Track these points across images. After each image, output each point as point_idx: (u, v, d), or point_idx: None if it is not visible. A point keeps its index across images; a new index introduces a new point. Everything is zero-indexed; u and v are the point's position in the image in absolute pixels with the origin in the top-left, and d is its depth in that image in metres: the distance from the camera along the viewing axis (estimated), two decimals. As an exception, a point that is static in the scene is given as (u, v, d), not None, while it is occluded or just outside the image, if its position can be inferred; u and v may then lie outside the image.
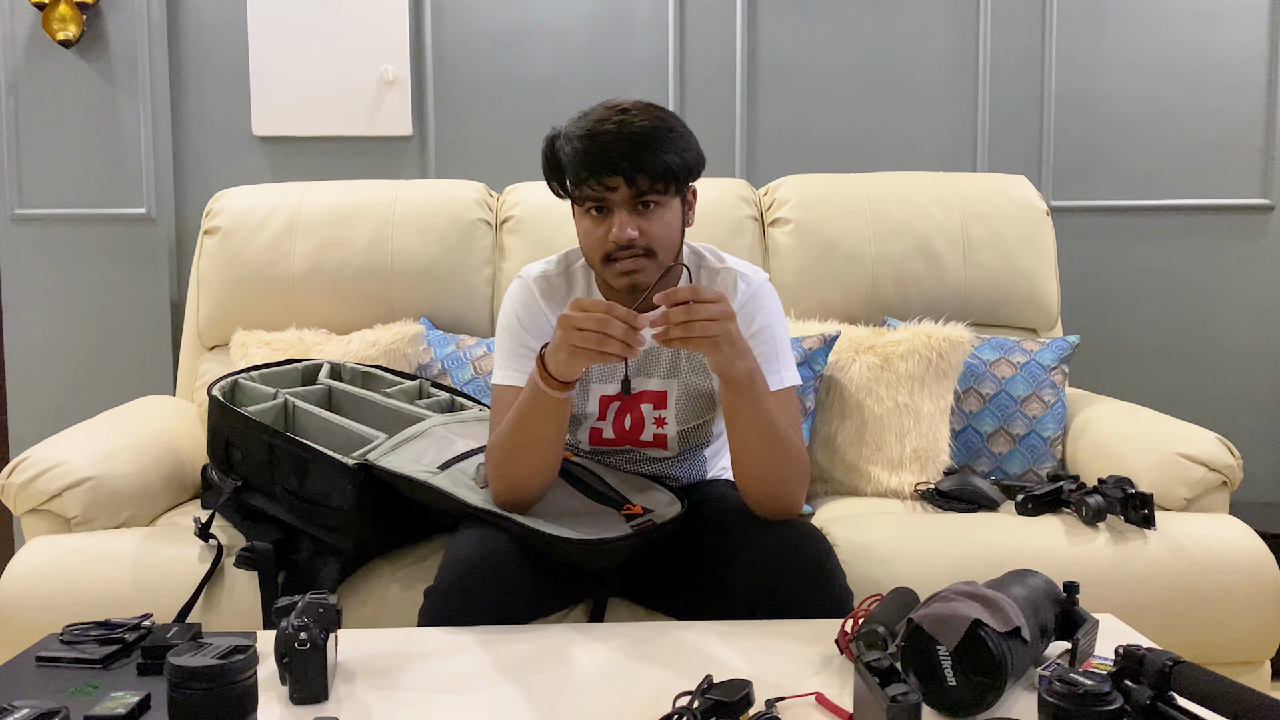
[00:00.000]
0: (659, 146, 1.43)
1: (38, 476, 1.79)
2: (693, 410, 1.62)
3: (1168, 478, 1.87)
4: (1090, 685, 0.95)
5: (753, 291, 1.58)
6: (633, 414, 1.62)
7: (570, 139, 1.47)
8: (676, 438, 1.63)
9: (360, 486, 1.59)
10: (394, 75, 2.74)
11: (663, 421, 1.62)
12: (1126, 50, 2.81)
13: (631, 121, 1.43)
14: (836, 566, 1.47)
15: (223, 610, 1.66)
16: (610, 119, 1.44)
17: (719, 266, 1.62)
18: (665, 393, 1.61)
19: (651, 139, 1.43)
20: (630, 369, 1.55)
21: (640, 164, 1.42)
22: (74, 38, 2.62)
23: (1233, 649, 1.76)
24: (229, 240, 2.38)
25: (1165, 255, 2.84)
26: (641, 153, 1.42)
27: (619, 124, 1.43)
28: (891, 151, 2.81)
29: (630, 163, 1.42)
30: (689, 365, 1.61)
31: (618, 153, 1.42)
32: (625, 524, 1.48)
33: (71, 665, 1.22)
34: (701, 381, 1.61)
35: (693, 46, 2.80)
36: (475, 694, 1.17)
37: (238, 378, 1.86)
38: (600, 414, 1.63)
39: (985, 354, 2.20)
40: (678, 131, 1.47)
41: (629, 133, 1.42)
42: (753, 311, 1.56)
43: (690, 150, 1.48)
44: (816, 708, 1.12)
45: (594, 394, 1.62)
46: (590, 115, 1.47)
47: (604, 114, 1.46)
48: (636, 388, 1.60)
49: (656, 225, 1.47)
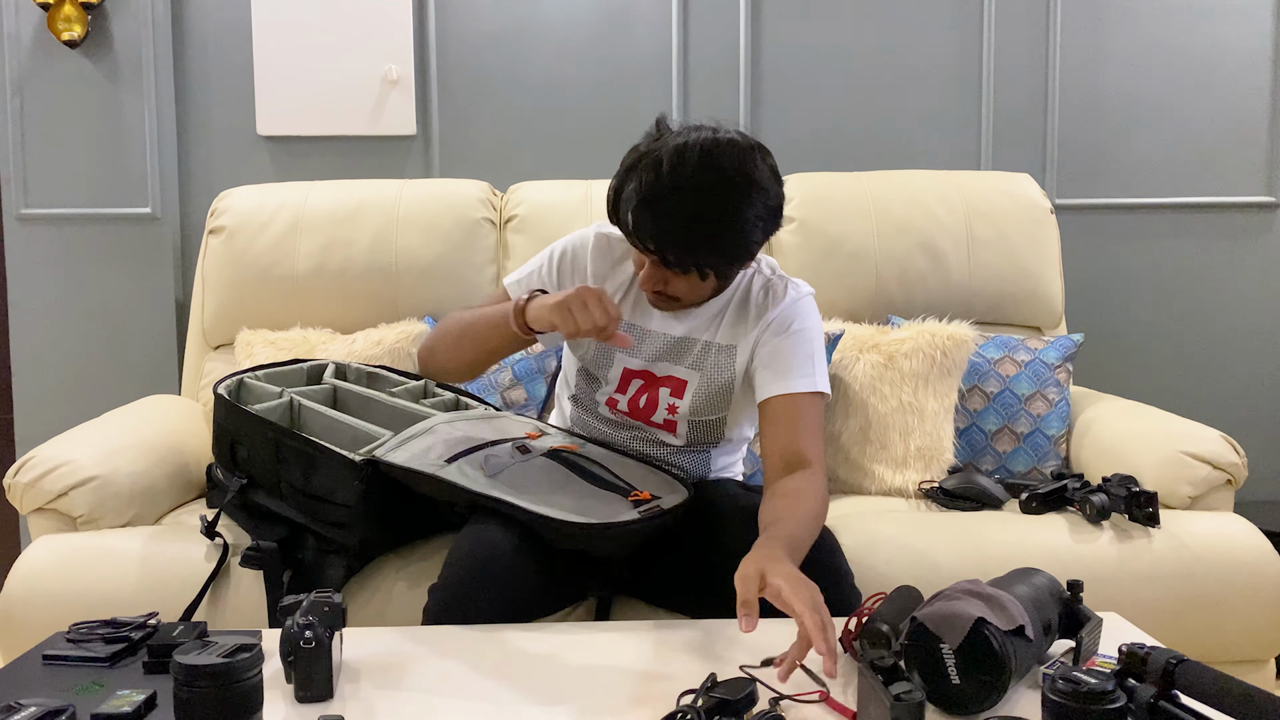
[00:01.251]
0: (708, 246, 1.43)
1: (44, 475, 1.79)
2: (707, 404, 1.63)
3: (1172, 476, 1.87)
4: (1094, 684, 0.95)
5: (800, 297, 1.61)
6: (650, 394, 1.64)
7: (630, 201, 1.43)
8: (687, 428, 1.65)
9: (366, 482, 1.60)
10: (398, 74, 2.74)
11: (675, 409, 1.63)
12: (1130, 48, 2.80)
13: (674, 211, 1.40)
14: (845, 566, 1.48)
15: (228, 609, 1.66)
16: (657, 199, 1.40)
17: (770, 276, 1.63)
18: (686, 382, 1.63)
19: (704, 235, 1.41)
20: (654, 354, 1.62)
21: (683, 263, 1.44)
22: (79, 38, 2.62)
23: (1237, 647, 1.76)
24: (234, 240, 2.38)
25: (1170, 253, 2.84)
26: (677, 252, 1.43)
27: (657, 212, 1.40)
28: (895, 150, 2.81)
29: (673, 256, 1.43)
30: (715, 361, 1.62)
31: (663, 242, 1.42)
32: (633, 509, 1.49)
33: (78, 664, 1.23)
34: (724, 377, 1.62)
35: (696, 45, 2.80)
36: (480, 692, 1.17)
37: (243, 377, 1.86)
38: (621, 386, 1.65)
39: (989, 352, 2.20)
40: (750, 208, 1.42)
41: (685, 222, 1.40)
42: (794, 314, 1.59)
43: (740, 240, 1.45)
44: (820, 706, 1.12)
45: (618, 362, 1.65)
46: (642, 167, 1.43)
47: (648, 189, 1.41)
48: (662, 372, 1.63)
49: (683, 285, 1.50)
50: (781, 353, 1.57)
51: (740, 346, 1.60)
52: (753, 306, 1.60)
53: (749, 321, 1.60)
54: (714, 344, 1.61)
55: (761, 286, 1.62)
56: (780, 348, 1.57)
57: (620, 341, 1.45)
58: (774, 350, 1.57)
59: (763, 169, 1.46)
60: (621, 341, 1.46)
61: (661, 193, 1.40)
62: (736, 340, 1.61)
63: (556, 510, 1.46)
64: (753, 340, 1.59)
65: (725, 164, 1.42)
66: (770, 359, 1.57)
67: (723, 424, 1.66)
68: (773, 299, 1.60)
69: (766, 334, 1.58)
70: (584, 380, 1.72)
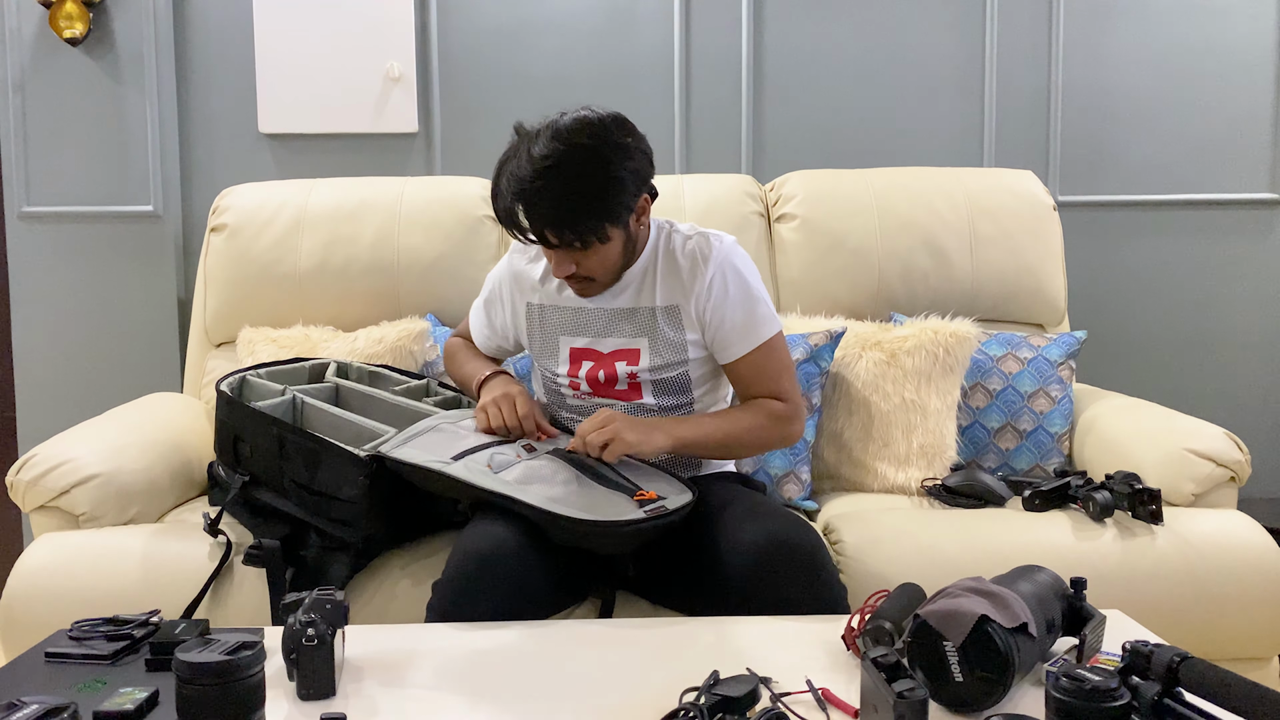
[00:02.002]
0: (573, 215, 1.49)
1: (46, 473, 1.80)
2: (665, 363, 1.68)
3: (1175, 473, 1.87)
4: (1098, 681, 0.95)
5: (726, 250, 1.66)
6: (605, 369, 1.69)
7: (507, 205, 1.52)
8: (652, 388, 1.69)
9: (371, 478, 1.60)
10: (400, 72, 2.74)
11: (635, 375, 1.68)
12: (1134, 45, 2.80)
13: (540, 193, 1.47)
14: (828, 559, 1.48)
15: (230, 607, 1.66)
16: (525, 190, 1.48)
17: (689, 236, 1.68)
18: (638, 350, 1.68)
19: (565, 206, 1.48)
20: (600, 329, 1.70)
21: (560, 236, 1.51)
22: (80, 35, 2.62)
23: (1240, 645, 1.76)
24: (236, 237, 2.38)
25: (1173, 250, 2.84)
26: (559, 229, 1.50)
27: (529, 200, 1.48)
28: (898, 147, 2.81)
29: (551, 231, 1.51)
30: (662, 323, 1.67)
31: (534, 229, 1.51)
32: (638, 509, 1.49)
33: (80, 661, 1.23)
34: (676, 336, 1.67)
35: (698, 41, 2.80)
36: (482, 689, 1.17)
37: (246, 375, 1.87)
38: (572, 367, 1.71)
39: (992, 349, 2.20)
40: (606, 165, 1.49)
41: (548, 203, 1.48)
42: (727, 270, 1.64)
43: (619, 186, 1.50)
44: (823, 704, 1.12)
45: (563, 345, 1.71)
46: (505, 172, 1.52)
47: (529, 169, 1.48)
48: (609, 348, 1.68)
49: (592, 260, 1.57)
50: (730, 316, 1.64)
51: (683, 307, 1.66)
52: (684, 267, 1.65)
53: (684, 281, 1.65)
54: (656, 308, 1.66)
55: (682, 246, 1.67)
56: (727, 313, 1.64)
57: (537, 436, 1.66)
58: (722, 316, 1.64)
59: (614, 131, 1.51)
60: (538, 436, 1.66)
61: (526, 184, 1.48)
62: (677, 300, 1.66)
63: (564, 507, 1.46)
64: (697, 303, 1.65)
65: (574, 138, 1.48)
66: (720, 324, 1.65)
67: (687, 380, 1.70)
68: (702, 258, 1.64)
69: (710, 300, 1.64)
70: (545, 382, 1.78)
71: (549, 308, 1.73)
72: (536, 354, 1.78)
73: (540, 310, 1.75)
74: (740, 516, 1.51)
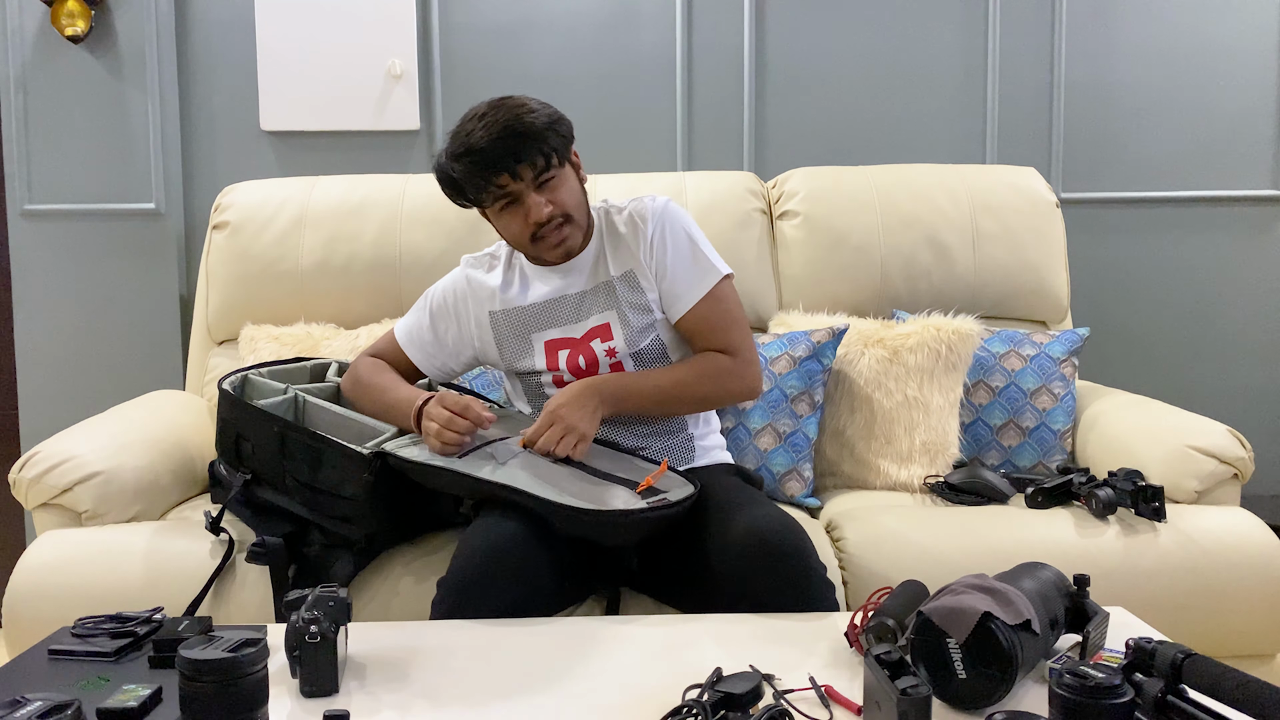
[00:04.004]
0: (524, 135, 1.61)
1: (49, 471, 1.80)
2: (638, 331, 1.71)
3: (1178, 470, 1.87)
4: (1101, 678, 0.94)
5: (660, 207, 1.75)
6: (584, 353, 1.72)
7: (454, 158, 1.65)
8: (633, 364, 1.72)
9: (375, 475, 1.60)
10: (401, 69, 2.73)
11: (614, 351, 1.71)
12: (1136, 41, 2.79)
13: (493, 123, 1.61)
14: (813, 555, 1.46)
15: (233, 604, 1.67)
16: (476, 130, 1.62)
17: (624, 207, 1.78)
18: (609, 323, 1.71)
19: (514, 131, 1.60)
20: (567, 316, 1.74)
21: (519, 156, 1.61)
22: (82, 33, 2.62)
23: (1244, 642, 1.76)
24: (238, 235, 2.39)
25: (1176, 247, 2.83)
26: (515, 147, 1.60)
27: (485, 131, 1.61)
28: (900, 144, 2.80)
29: (512, 158, 1.61)
30: (623, 289, 1.73)
31: (496, 156, 1.61)
32: (640, 500, 1.51)
33: (83, 658, 1.23)
34: (639, 299, 1.73)
35: (700, 39, 2.79)
36: (486, 687, 1.17)
37: (247, 373, 1.87)
38: (550, 360, 1.73)
39: (995, 347, 2.19)
40: (534, 111, 1.63)
41: (495, 135, 1.60)
42: (664, 223, 1.73)
43: (551, 120, 1.64)
44: (826, 701, 1.12)
45: (535, 342, 1.74)
46: (460, 132, 1.65)
47: (469, 127, 1.63)
48: (582, 331, 1.72)
49: (563, 193, 1.67)
50: (674, 264, 1.72)
51: (636, 269, 1.73)
52: (626, 235, 1.75)
53: (630, 245, 1.74)
54: (613, 279, 1.73)
55: (624, 217, 1.76)
56: (671, 260, 1.72)
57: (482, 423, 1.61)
58: (666, 265, 1.72)
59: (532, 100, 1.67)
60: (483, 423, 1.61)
61: (470, 138, 1.62)
62: (631, 264, 1.73)
63: (569, 498, 1.48)
64: (645, 259, 1.73)
65: (502, 100, 1.67)
66: (666, 273, 1.72)
67: (661, 347, 1.73)
68: (640, 219, 1.74)
69: (654, 254, 1.72)
70: (526, 386, 1.79)
71: (513, 310, 1.76)
72: (510, 359, 1.77)
73: (505, 315, 1.77)
74: (729, 513, 1.51)
